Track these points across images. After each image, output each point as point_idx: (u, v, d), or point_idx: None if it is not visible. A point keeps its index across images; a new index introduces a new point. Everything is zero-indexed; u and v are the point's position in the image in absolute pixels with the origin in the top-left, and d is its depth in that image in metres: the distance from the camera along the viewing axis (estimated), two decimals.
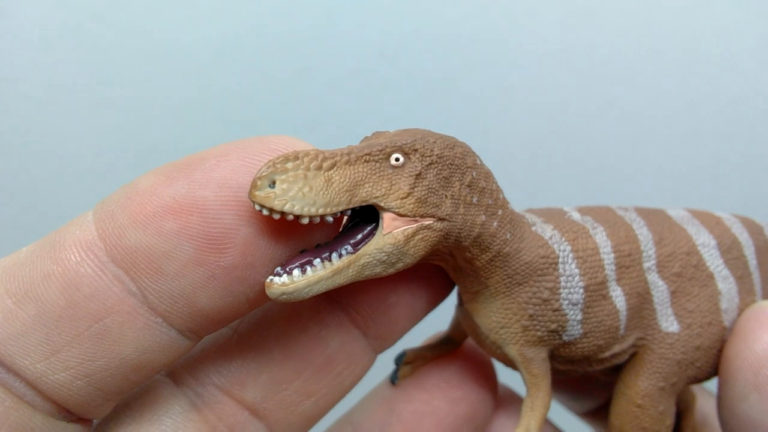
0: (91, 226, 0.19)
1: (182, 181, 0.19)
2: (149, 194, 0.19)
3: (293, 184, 0.19)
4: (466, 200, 0.22)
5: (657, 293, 0.27)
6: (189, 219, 0.18)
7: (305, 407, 0.24)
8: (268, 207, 0.18)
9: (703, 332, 0.28)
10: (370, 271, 0.21)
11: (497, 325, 0.26)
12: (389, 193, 0.21)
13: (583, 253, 0.26)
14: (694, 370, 0.28)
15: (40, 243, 0.19)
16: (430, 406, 0.28)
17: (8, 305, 0.18)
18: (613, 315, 0.26)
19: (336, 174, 0.20)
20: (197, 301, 0.19)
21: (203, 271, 0.19)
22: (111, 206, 0.19)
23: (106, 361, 0.19)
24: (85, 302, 0.18)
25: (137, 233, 0.18)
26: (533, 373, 0.26)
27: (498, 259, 0.24)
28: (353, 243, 0.21)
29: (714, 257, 0.29)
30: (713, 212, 0.31)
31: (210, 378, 0.23)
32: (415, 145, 0.21)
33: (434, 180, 0.21)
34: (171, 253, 0.18)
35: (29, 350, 0.18)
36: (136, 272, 0.19)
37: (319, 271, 0.20)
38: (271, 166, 0.19)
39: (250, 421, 0.24)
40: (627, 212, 0.29)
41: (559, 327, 0.25)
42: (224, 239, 0.19)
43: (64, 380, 0.19)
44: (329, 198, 0.19)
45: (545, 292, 0.25)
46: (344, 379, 0.25)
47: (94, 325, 0.19)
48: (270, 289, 0.20)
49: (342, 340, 0.25)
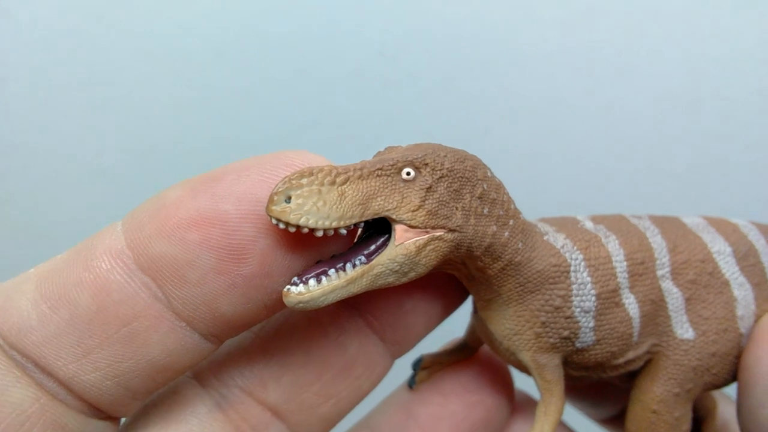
0: (120, 235, 0.20)
1: (206, 194, 0.20)
2: (175, 207, 0.20)
3: (308, 198, 0.20)
4: (476, 211, 0.23)
5: (671, 300, 0.28)
6: (211, 231, 0.20)
7: (325, 409, 0.25)
8: (284, 221, 0.19)
9: (718, 339, 0.28)
10: (383, 280, 0.22)
11: (510, 332, 0.26)
12: (401, 205, 0.22)
13: (595, 262, 0.26)
14: (710, 376, 0.28)
15: (73, 251, 0.21)
16: (447, 410, 0.29)
17: (43, 310, 0.20)
18: (626, 322, 0.26)
19: (349, 188, 0.21)
20: (218, 307, 0.20)
21: (224, 279, 0.20)
22: (139, 217, 0.20)
23: (134, 363, 0.20)
24: (115, 307, 0.20)
25: (163, 243, 0.20)
26: (546, 378, 0.26)
27: (510, 268, 0.25)
28: (367, 254, 0.22)
29: (730, 264, 0.29)
30: (730, 219, 0.31)
31: (234, 380, 0.25)
32: (425, 160, 0.22)
33: (445, 193, 0.22)
34: (193, 262, 0.20)
35: (62, 352, 0.20)
36: (161, 280, 0.20)
37: (334, 280, 0.21)
38: (287, 182, 0.20)
39: (272, 422, 0.25)
40: (641, 220, 0.29)
41: (572, 334, 0.26)
42: (244, 250, 0.20)
43: (95, 380, 0.20)
44: (342, 211, 0.20)
45: (557, 299, 0.25)
46: (362, 383, 0.26)
47: (122, 328, 0.20)
48: (287, 298, 0.21)
49: (360, 344, 0.26)
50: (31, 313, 0.20)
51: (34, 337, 0.19)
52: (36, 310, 0.20)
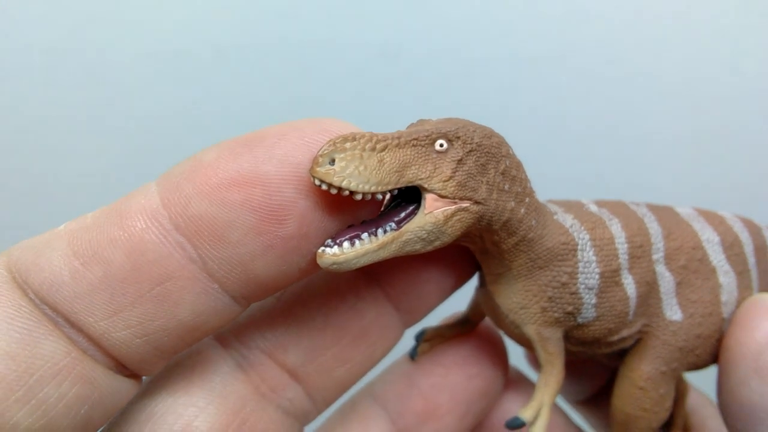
0: (155, 195, 0.20)
1: (246, 156, 0.20)
2: (215, 167, 0.20)
3: (351, 162, 0.20)
4: (499, 186, 0.24)
5: (663, 283, 0.29)
6: (252, 191, 0.20)
7: (340, 373, 0.26)
8: (327, 182, 0.20)
9: (704, 322, 0.30)
10: (410, 247, 0.23)
11: (517, 305, 0.27)
12: (433, 175, 0.22)
13: (600, 242, 0.28)
14: (693, 357, 0.30)
15: (105, 210, 0.21)
16: (447, 380, 0.30)
17: (76, 266, 0.20)
18: (623, 301, 0.28)
19: (387, 155, 0.21)
20: (254, 268, 0.21)
21: (263, 240, 0.20)
22: (176, 178, 0.20)
23: (164, 322, 0.20)
24: (149, 267, 0.20)
25: (202, 203, 0.20)
26: (549, 351, 0.28)
27: (523, 244, 0.26)
28: (397, 220, 0.23)
29: (717, 253, 0.31)
30: (717, 211, 0.33)
31: (255, 342, 0.25)
32: (458, 133, 0.23)
33: (473, 166, 0.23)
34: (234, 222, 0.20)
35: (94, 309, 0.20)
36: (198, 240, 0.20)
37: (367, 244, 0.22)
38: (332, 145, 0.20)
39: (290, 384, 0.25)
40: (639, 207, 0.31)
41: (575, 309, 0.27)
42: (283, 211, 0.20)
43: (125, 338, 0.20)
44: (381, 177, 0.21)
45: (564, 276, 0.27)
46: (376, 349, 0.27)
47: (155, 288, 0.20)
48: (321, 258, 0.21)
49: (377, 312, 0.27)
50: (63, 269, 0.20)
51: (66, 292, 0.19)
52: (68, 266, 0.20)
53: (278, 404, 0.26)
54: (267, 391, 0.25)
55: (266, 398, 0.25)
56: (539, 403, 0.27)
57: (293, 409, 0.26)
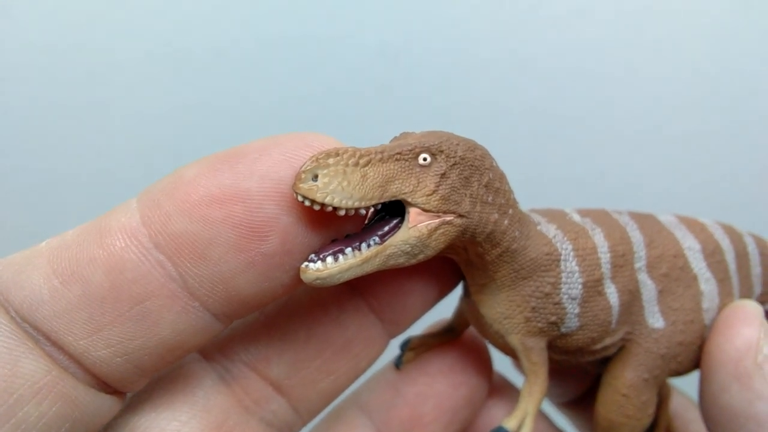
0: (135, 213, 0.20)
1: (227, 172, 0.20)
2: (195, 184, 0.20)
3: (334, 178, 0.20)
4: (482, 199, 0.24)
5: (646, 291, 0.30)
6: (233, 208, 0.20)
7: (324, 385, 0.26)
8: (310, 198, 0.20)
9: (686, 329, 0.30)
10: (394, 261, 0.23)
11: (501, 315, 0.27)
12: (416, 189, 0.22)
13: (583, 252, 0.28)
14: (675, 364, 0.30)
15: (86, 227, 0.21)
16: (433, 389, 0.30)
17: (55, 284, 0.19)
18: (606, 310, 0.28)
19: (370, 170, 0.21)
20: (236, 285, 0.20)
21: (244, 257, 0.20)
22: (155, 195, 0.20)
23: (145, 341, 0.20)
24: (128, 285, 0.20)
25: (182, 220, 0.20)
26: (533, 361, 0.28)
27: (506, 255, 0.26)
28: (380, 234, 0.23)
29: (698, 260, 0.31)
30: (698, 218, 0.33)
31: (238, 355, 0.25)
32: (441, 147, 0.23)
33: (457, 179, 0.23)
34: (214, 239, 0.20)
35: (73, 328, 0.19)
36: (179, 258, 0.20)
37: (350, 258, 0.22)
38: (315, 161, 0.20)
39: (274, 397, 0.25)
40: (621, 215, 0.31)
41: (558, 319, 0.27)
42: (265, 228, 0.20)
43: (105, 357, 0.20)
44: (364, 192, 0.21)
45: (547, 286, 0.27)
46: (360, 361, 0.27)
47: (135, 307, 0.20)
48: (305, 274, 0.21)
49: (360, 323, 0.27)
50: (43, 288, 0.19)
51: (45, 311, 0.19)
52: (48, 284, 0.19)
53: (262, 417, 0.25)
54: (250, 404, 0.25)
55: (249, 411, 0.25)
56: (523, 413, 0.27)
57: (277, 421, 0.26)
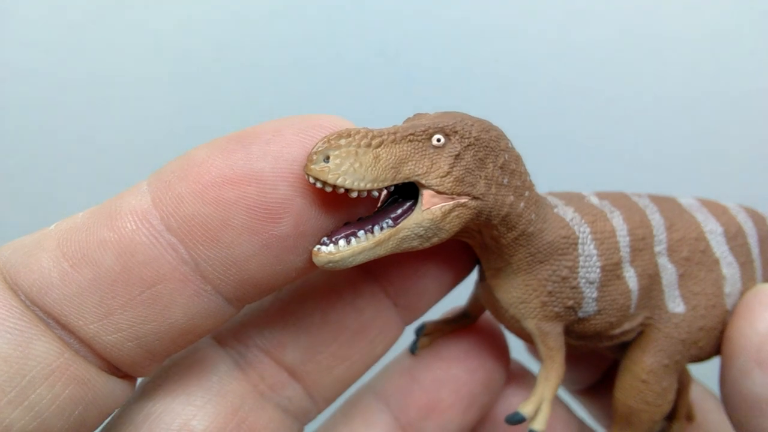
0: (146, 195, 0.20)
1: (240, 153, 0.20)
2: (207, 165, 0.20)
3: (346, 159, 0.20)
4: (497, 181, 0.24)
5: (666, 275, 0.29)
6: (246, 189, 0.19)
7: (339, 370, 0.26)
8: (322, 180, 0.20)
9: (707, 314, 0.29)
10: (407, 244, 0.22)
11: (517, 300, 0.27)
12: (430, 171, 0.22)
13: (601, 235, 0.27)
14: (696, 349, 0.30)
15: (96, 210, 0.20)
16: (449, 375, 0.30)
17: (65, 268, 0.19)
18: (625, 294, 0.28)
19: (383, 151, 0.21)
20: (248, 268, 0.20)
21: (258, 239, 0.20)
22: (167, 176, 0.20)
23: (156, 325, 0.20)
24: (139, 269, 0.19)
25: (195, 202, 0.19)
26: (549, 346, 0.27)
27: (522, 238, 0.26)
28: (393, 217, 0.22)
29: (720, 244, 0.30)
30: (720, 202, 0.33)
31: (253, 340, 0.25)
32: (455, 127, 0.22)
33: (471, 161, 0.23)
34: (227, 221, 0.19)
35: (84, 312, 0.19)
36: (191, 240, 0.20)
37: (363, 242, 0.21)
38: (326, 142, 0.20)
39: (289, 382, 0.25)
40: (641, 198, 0.30)
41: (576, 304, 0.27)
42: (279, 209, 0.20)
43: (116, 341, 0.20)
44: (377, 174, 0.21)
45: (564, 270, 0.26)
46: (376, 346, 0.27)
47: (146, 290, 0.20)
48: (317, 257, 0.21)
49: (375, 308, 0.26)
50: (52, 271, 0.19)
51: (55, 295, 0.19)
52: (57, 268, 0.19)
53: (277, 403, 0.25)
54: (266, 390, 0.25)
55: (265, 397, 0.25)
56: (540, 398, 0.27)
57: (292, 407, 0.26)
